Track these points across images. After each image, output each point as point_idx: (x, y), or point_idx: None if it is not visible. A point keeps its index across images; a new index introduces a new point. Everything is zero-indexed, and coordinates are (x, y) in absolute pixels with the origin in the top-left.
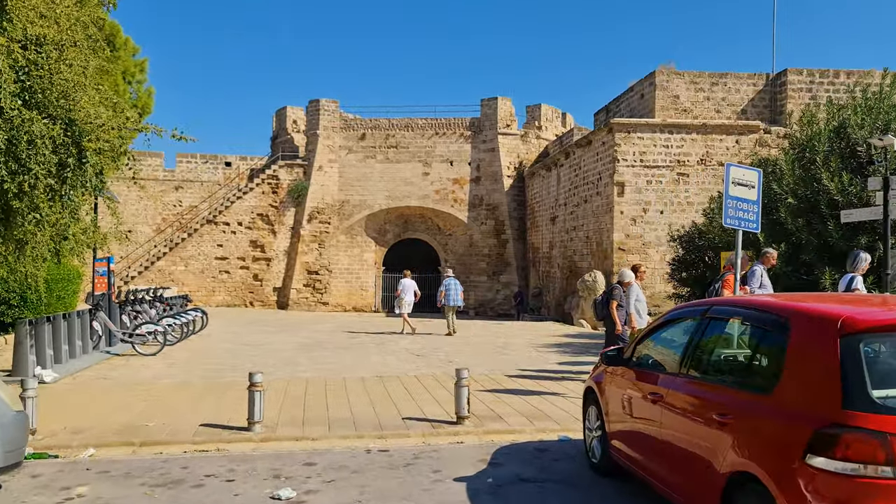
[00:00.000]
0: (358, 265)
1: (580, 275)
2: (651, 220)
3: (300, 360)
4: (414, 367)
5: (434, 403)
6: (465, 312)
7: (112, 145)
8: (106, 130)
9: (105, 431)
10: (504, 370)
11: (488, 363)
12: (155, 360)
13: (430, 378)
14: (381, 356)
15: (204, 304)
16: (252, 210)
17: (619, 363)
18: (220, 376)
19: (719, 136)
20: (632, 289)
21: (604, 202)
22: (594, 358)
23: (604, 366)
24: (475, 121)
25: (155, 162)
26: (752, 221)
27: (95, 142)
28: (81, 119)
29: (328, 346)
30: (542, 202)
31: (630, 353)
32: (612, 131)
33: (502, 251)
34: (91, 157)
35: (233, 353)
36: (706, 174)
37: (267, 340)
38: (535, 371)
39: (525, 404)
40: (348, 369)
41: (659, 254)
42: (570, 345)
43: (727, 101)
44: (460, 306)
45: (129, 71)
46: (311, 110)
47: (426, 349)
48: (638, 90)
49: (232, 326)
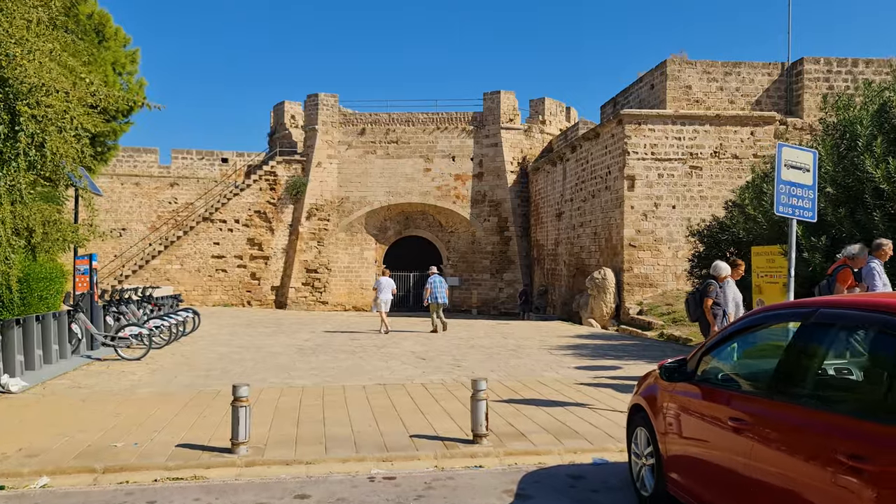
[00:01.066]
0: (358, 263)
1: (588, 272)
2: (663, 215)
3: (296, 365)
4: (419, 372)
5: (445, 417)
6: (468, 311)
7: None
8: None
9: (65, 454)
10: (519, 376)
11: (501, 368)
12: (138, 365)
13: (440, 386)
14: (383, 360)
15: (200, 303)
16: (249, 207)
17: (682, 378)
18: (207, 385)
19: (733, 128)
20: (728, 285)
21: (613, 197)
22: (615, 361)
23: (659, 380)
24: (477, 115)
25: (150, 158)
26: (807, 210)
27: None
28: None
29: (327, 349)
30: (547, 198)
31: (696, 365)
32: (621, 123)
33: (506, 248)
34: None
35: (224, 358)
36: (720, 167)
37: (262, 343)
38: (554, 377)
39: (548, 418)
40: (348, 375)
41: (671, 250)
42: (586, 347)
43: (741, 92)
44: (446, 304)
45: (120, 62)
46: (310, 105)
47: (431, 352)
48: (648, 81)
49: (226, 328)
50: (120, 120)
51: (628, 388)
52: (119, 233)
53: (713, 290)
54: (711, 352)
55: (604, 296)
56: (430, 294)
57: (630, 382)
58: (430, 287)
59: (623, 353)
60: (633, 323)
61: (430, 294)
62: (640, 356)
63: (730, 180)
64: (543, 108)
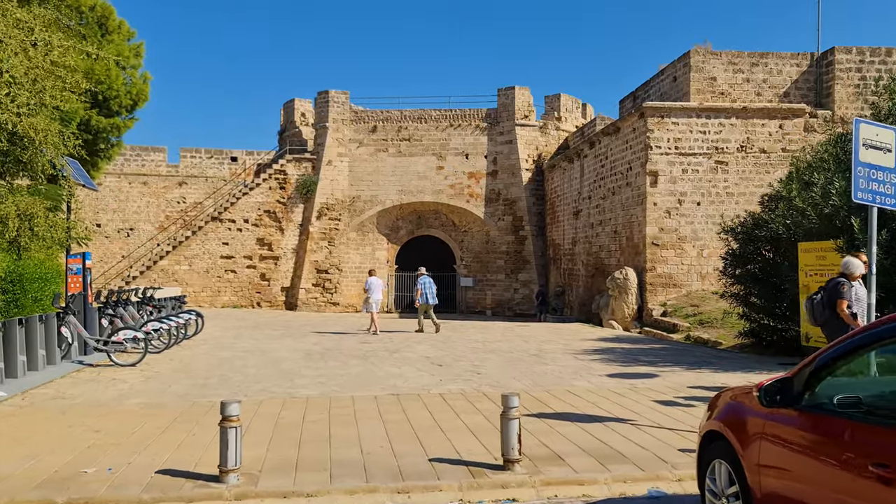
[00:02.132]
0: (370, 264)
1: (607, 272)
2: (687, 212)
3: (302, 371)
4: (436, 380)
5: (468, 435)
6: (482, 312)
7: None
8: None
9: (27, 482)
10: (546, 385)
11: (525, 376)
12: (132, 372)
13: (459, 397)
14: (396, 366)
15: (209, 305)
16: (259, 207)
17: (787, 401)
18: (203, 395)
19: (761, 121)
20: (857, 284)
21: (634, 193)
22: (650, 368)
23: (746, 400)
24: (491, 112)
25: (158, 157)
26: (889, 196)
27: None
28: None
29: (336, 354)
30: (564, 196)
31: (807, 384)
32: (644, 116)
33: (521, 248)
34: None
35: (225, 364)
36: (746, 162)
37: (268, 347)
38: (585, 387)
39: (587, 437)
40: (358, 384)
41: (696, 249)
42: (613, 351)
43: (768, 84)
44: (436, 304)
45: (124, 55)
46: (320, 102)
47: (447, 357)
48: (670, 73)
49: (232, 330)
50: (123, 115)
51: (673, 402)
52: (127, 233)
53: (847, 291)
54: (830, 368)
55: (625, 297)
56: (420, 295)
57: (672, 393)
58: (420, 288)
59: (655, 359)
60: (657, 325)
61: (420, 295)
62: (674, 361)
63: (757, 176)
64: (559, 104)
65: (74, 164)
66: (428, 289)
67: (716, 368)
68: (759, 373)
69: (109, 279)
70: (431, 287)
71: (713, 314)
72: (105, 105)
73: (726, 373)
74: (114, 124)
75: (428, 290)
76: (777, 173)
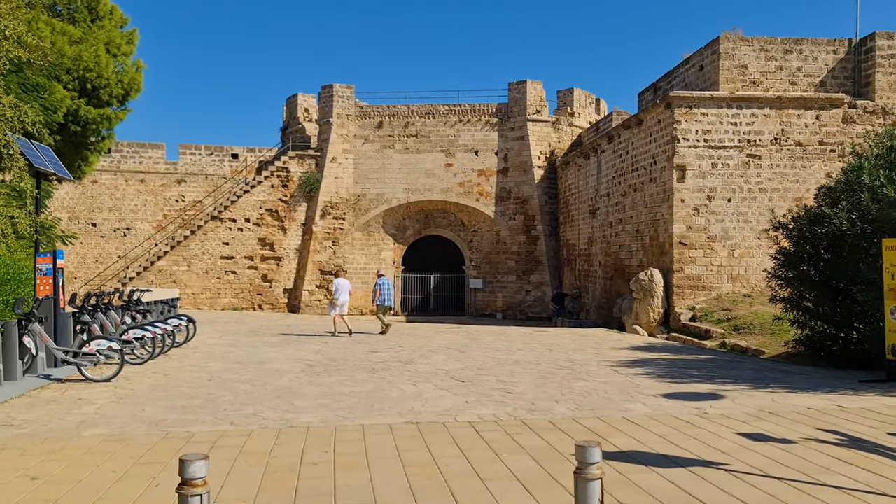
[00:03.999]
0: (375, 265)
1: (628, 273)
2: (717, 209)
3: (303, 389)
4: (461, 401)
5: (517, 488)
6: (492, 315)
7: None
8: None
9: None
10: (595, 409)
11: (565, 396)
12: (104, 389)
13: (494, 426)
14: (412, 383)
15: (209, 307)
16: (260, 205)
17: None
18: (182, 421)
19: (796, 111)
20: None
21: (659, 189)
22: (709, 386)
23: None
24: (502, 106)
25: (156, 154)
26: None
27: None
28: None
29: (341, 366)
30: (579, 194)
31: None
32: (670, 106)
33: (533, 248)
34: None
35: (215, 379)
36: (781, 156)
37: (265, 356)
38: (643, 412)
39: (675, 492)
40: (368, 407)
41: (726, 249)
42: (653, 363)
43: (803, 72)
44: (392, 307)
45: (115, 42)
46: (324, 97)
47: (468, 370)
48: (696, 62)
49: (229, 336)
50: (115, 106)
51: (763, 435)
52: (123, 232)
53: None
54: None
55: (650, 300)
56: (378, 296)
57: (754, 422)
58: (378, 289)
59: (707, 373)
60: (686, 330)
61: (378, 296)
62: (732, 377)
63: (792, 170)
64: (572, 99)
65: (46, 151)
66: (386, 291)
67: (788, 387)
68: (843, 393)
69: (105, 280)
70: (389, 290)
71: (748, 319)
72: (95, 95)
73: (805, 393)
74: (104, 115)
75: (386, 291)
76: (814, 168)
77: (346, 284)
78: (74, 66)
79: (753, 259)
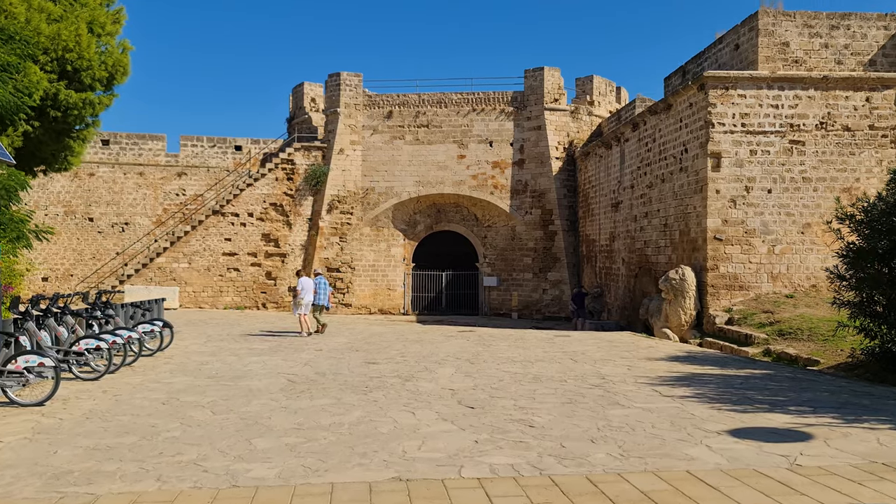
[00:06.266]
0: (384, 261)
1: (655, 271)
2: (755, 201)
3: (273, 420)
4: (469, 440)
5: None
6: (507, 315)
7: None
8: None
9: None
10: (646, 456)
11: (603, 433)
12: (27, 417)
13: (513, 489)
14: (409, 410)
15: (210, 305)
16: (264, 199)
17: None
18: (95, 474)
19: (844, 93)
20: None
21: (691, 180)
22: (783, 418)
23: None
24: (518, 95)
25: (156, 146)
26: None
27: None
28: None
29: (329, 383)
30: (600, 186)
31: None
32: (704, 88)
33: (550, 245)
34: None
35: (172, 402)
36: (827, 142)
37: (246, 370)
38: (714, 461)
39: None
40: (348, 450)
41: (766, 244)
42: (700, 379)
43: (851, 50)
44: (327, 306)
45: (98, 21)
46: (331, 85)
47: (479, 392)
48: (730, 40)
49: (214, 342)
50: (99, 91)
51: None
52: (122, 228)
53: None
54: None
55: (682, 300)
56: (315, 294)
57: (873, 484)
58: (314, 288)
59: (772, 395)
60: (723, 335)
61: (315, 294)
62: (808, 402)
63: (839, 158)
64: (592, 86)
65: None
66: (322, 289)
67: (889, 419)
68: None
69: (102, 278)
70: (326, 289)
71: (794, 323)
72: (76, 78)
73: None
74: (87, 100)
75: (322, 290)
76: (864, 155)
77: (311, 283)
78: (53, 46)
79: (796, 256)
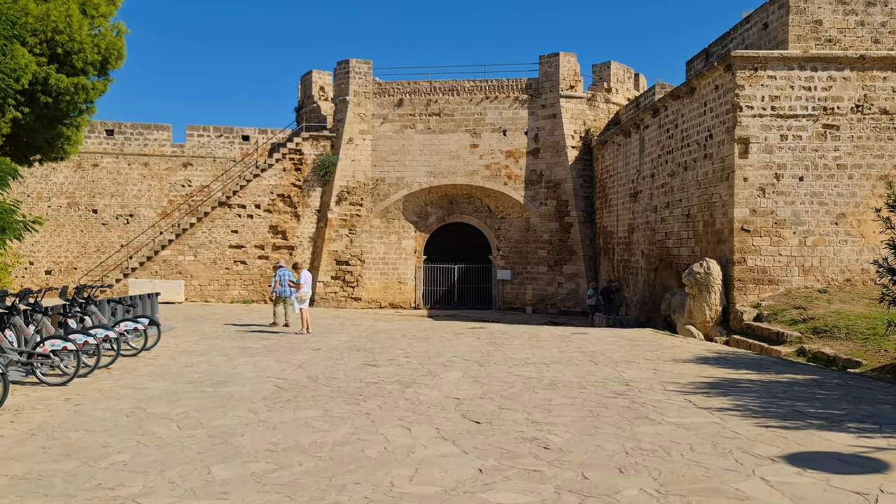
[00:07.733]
0: (395, 254)
1: (676, 264)
2: (786, 189)
3: (246, 438)
4: (472, 469)
5: None
6: (521, 309)
7: None
8: None
9: None
10: (690, 491)
11: (632, 458)
12: None
13: None
14: (405, 425)
15: (217, 299)
16: (272, 190)
17: None
18: None
19: (882, 73)
20: None
21: (717, 167)
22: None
23: None
24: (533, 82)
25: (161, 136)
26: None
27: None
28: None
29: (320, 391)
30: (618, 176)
31: None
32: (731, 69)
33: (566, 237)
34: None
35: (136, 414)
36: (863, 126)
37: (232, 373)
38: (769, 495)
39: None
40: (326, 481)
41: (797, 236)
42: (737, 385)
43: (888, 28)
44: (291, 299)
45: (92, 2)
46: (340, 73)
47: (488, 401)
48: (758, 19)
49: (208, 339)
50: (92, 75)
51: None
52: (126, 219)
53: None
54: None
55: (707, 295)
56: (277, 288)
57: None
58: (277, 281)
59: (823, 407)
60: (751, 332)
61: (277, 288)
62: (869, 416)
63: (877, 143)
64: (609, 73)
65: None
66: (285, 283)
67: None
68: None
69: (107, 271)
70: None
71: (830, 320)
72: (67, 61)
73: None
74: (80, 85)
75: (285, 283)
76: None
77: (287, 275)
78: (42, 28)
79: (829, 248)
